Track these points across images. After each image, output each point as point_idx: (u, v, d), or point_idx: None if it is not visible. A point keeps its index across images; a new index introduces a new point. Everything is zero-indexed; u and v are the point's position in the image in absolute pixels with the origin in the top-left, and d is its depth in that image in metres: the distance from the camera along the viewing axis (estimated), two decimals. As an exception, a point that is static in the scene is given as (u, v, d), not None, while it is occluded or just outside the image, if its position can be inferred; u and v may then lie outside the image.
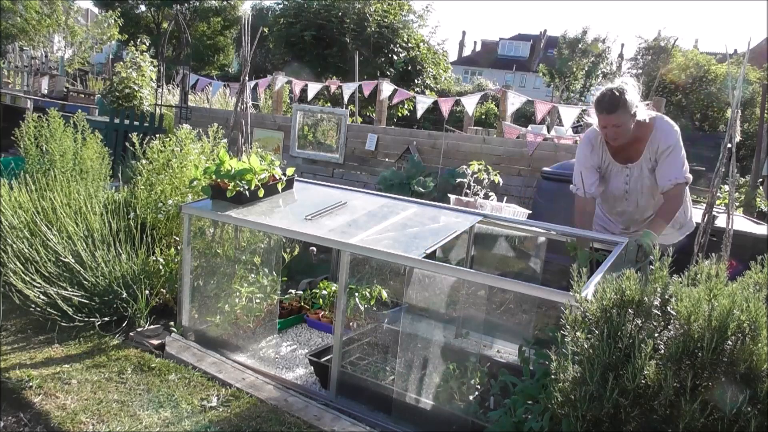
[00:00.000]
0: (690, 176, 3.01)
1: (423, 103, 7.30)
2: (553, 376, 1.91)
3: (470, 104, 7.19)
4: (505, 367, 2.81)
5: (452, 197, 4.71)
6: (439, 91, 16.11)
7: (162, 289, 3.74)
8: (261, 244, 3.73)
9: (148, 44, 9.64)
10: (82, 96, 11.60)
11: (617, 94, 2.88)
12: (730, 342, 1.66)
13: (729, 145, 3.01)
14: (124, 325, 3.49)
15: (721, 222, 3.53)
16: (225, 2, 27.53)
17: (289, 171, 3.63)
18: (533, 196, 5.69)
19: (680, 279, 1.94)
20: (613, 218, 3.32)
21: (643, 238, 2.87)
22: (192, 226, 3.43)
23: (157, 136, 4.58)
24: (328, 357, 2.98)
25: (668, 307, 1.85)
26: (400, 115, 13.88)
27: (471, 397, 2.61)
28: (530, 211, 4.90)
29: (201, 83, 10.02)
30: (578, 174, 3.16)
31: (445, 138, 6.42)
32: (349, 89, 7.83)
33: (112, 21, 19.81)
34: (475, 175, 4.85)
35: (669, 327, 1.82)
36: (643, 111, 2.95)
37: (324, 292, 3.97)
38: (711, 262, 1.91)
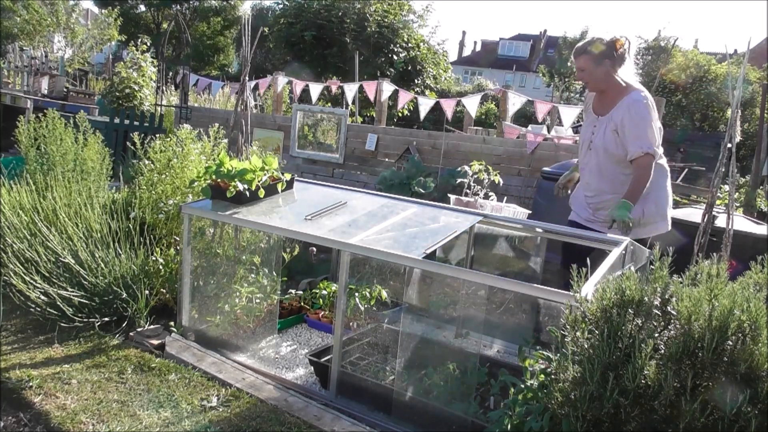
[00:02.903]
0: (659, 151, 3.10)
1: (426, 104, 7.29)
2: (553, 376, 1.91)
3: (471, 105, 7.19)
4: (505, 367, 2.81)
5: (452, 197, 4.71)
6: (439, 91, 16.13)
7: (162, 289, 3.74)
8: (261, 244, 3.73)
9: (148, 44, 9.63)
10: (82, 96, 11.61)
11: (588, 42, 3.20)
12: (730, 342, 1.66)
13: (729, 145, 3.01)
14: (124, 325, 3.49)
15: (721, 222, 3.53)
16: (225, 2, 27.53)
17: (287, 176, 3.61)
18: (533, 196, 5.69)
19: (680, 279, 1.94)
20: (586, 200, 3.39)
21: (618, 210, 2.97)
22: (192, 226, 3.43)
23: (158, 136, 4.58)
24: (328, 357, 2.98)
25: (668, 307, 1.85)
26: (400, 115, 13.89)
27: (471, 397, 2.61)
28: (530, 211, 4.90)
29: (201, 83, 10.02)
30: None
31: (445, 138, 6.42)
32: (350, 89, 7.82)
33: (112, 20, 19.82)
34: (475, 175, 4.85)
35: (669, 327, 1.82)
36: (627, 74, 3.19)
37: (324, 292, 3.97)
38: (711, 262, 1.91)
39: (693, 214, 4.41)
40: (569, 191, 3.61)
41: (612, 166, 3.21)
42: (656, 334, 1.79)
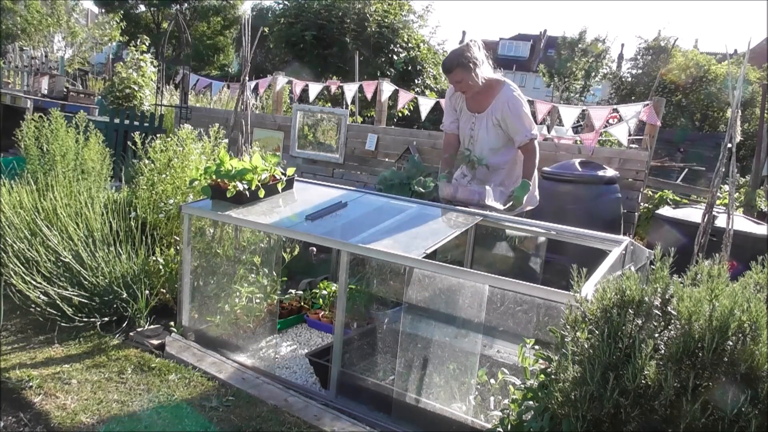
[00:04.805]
0: (536, 133, 3.60)
1: (426, 104, 7.28)
2: (553, 376, 1.91)
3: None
4: (505, 367, 2.81)
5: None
6: (439, 91, 16.09)
7: (162, 289, 3.74)
8: (261, 244, 3.73)
9: (148, 44, 9.62)
10: (82, 96, 11.59)
11: (453, 55, 3.51)
12: (730, 342, 1.66)
13: (729, 145, 3.01)
14: (124, 325, 3.49)
15: (721, 222, 3.53)
16: (225, 2, 27.54)
17: (290, 171, 3.63)
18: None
19: (681, 279, 1.94)
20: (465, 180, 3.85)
21: (519, 190, 3.50)
22: (192, 226, 3.43)
23: (158, 135, 4.58)
24: (328, 357, 2.98)
25: (669, 307, 1.85)
26: (400, 115, 13.88)
27: (471, 397, 2.61)
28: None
29: (201, 83, 10.01)
30: (444, 113, 3.93)
31: (445, 138, 6.41)
32: (349, 89, 7.81)
33: (114, 23, 19.83)
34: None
35: (669, 327, 1.82)
36: (488, 70, 3.56)
37: (324, 292, 3.97)
38: (712, 262, 1.91)
39: (693, 214, 4.41)
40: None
41: (493, 154, 3.70)
42: (656, 335, 1.79)
